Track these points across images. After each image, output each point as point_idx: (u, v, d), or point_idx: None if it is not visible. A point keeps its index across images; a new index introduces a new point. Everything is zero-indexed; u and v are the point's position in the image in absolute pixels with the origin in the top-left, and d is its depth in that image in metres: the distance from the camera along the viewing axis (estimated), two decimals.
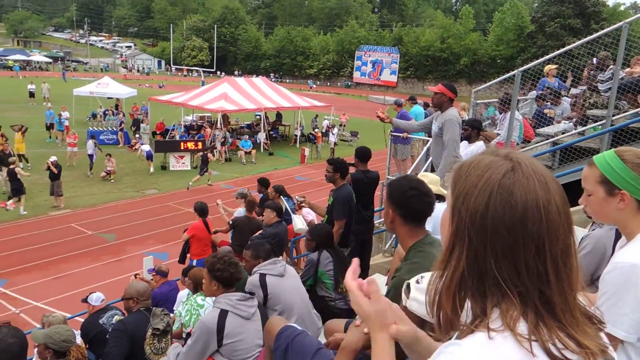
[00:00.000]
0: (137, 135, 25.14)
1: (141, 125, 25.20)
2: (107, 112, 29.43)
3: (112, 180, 18.52)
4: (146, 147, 20.93)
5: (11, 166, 14.38)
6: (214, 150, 23.35)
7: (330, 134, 26.74)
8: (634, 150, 1.79)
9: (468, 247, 0.93)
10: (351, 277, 1.19)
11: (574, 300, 0.93)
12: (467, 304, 0.95)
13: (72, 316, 7.49)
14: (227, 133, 24.60)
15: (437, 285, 0.99)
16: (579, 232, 3.69)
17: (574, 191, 2.16)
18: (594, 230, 3.12)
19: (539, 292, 0.90)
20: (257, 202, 8.51)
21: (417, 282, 1.76)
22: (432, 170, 6.32)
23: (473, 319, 0.92)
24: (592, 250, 2.92)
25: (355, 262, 1.22)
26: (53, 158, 15.30)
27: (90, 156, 19.08)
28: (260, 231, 7.12)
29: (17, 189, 14.48)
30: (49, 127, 24.70)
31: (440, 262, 0.99)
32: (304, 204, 7.24)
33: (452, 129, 5.39)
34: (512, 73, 7.71)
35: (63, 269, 11.56)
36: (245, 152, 23.18)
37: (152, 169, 20.16)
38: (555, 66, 9.80)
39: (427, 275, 1.71)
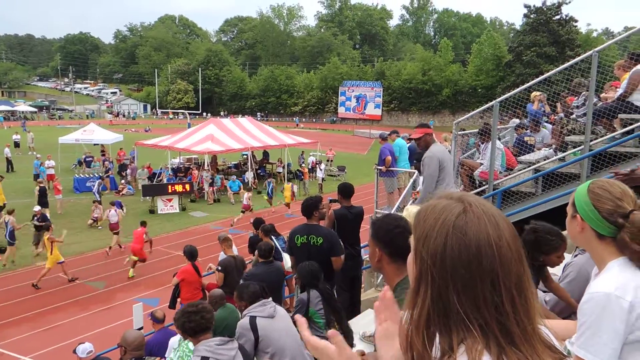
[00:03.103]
0: (122, 181, 25.08)
1: (138, 171, 24.83)
2: (89, 159, 29.20)
3: (100, 227, 18.33)
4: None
5: None
6: (203, 192, 23.37)
7: (318, 169, 26.93)
8: (604, 180, 1.87)
9: (432, 286, 0.99)
10: (309, 333, 1.19)
11: (533, 329, 0.99)
12: (437, 340, 1.00)
13: None
14: (217, 176, 24.57)
15: (408, 324, 1.04)
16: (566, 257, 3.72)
17: (560, 216, 2.23)
18: (576, 256, 3.18)
19: (497, 323, 0.95)
20: (229, 238, 8.52)
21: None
22: None
23: (441, 355, 0.98)
24: (576, 277, 2.97)
25: (298, 318, 1.26)
26: (37, 207, 15.16)
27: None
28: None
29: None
30: (37, 176, 24.57)
31: (408, 302, 1.05)
32: None
33: (429, 165, 5.54)
34: (490, 104, 7.88)
35: (52, 320, 11.31)
36: (234, 193, 23.16)
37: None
38: (540, 93, 9.99)
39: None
